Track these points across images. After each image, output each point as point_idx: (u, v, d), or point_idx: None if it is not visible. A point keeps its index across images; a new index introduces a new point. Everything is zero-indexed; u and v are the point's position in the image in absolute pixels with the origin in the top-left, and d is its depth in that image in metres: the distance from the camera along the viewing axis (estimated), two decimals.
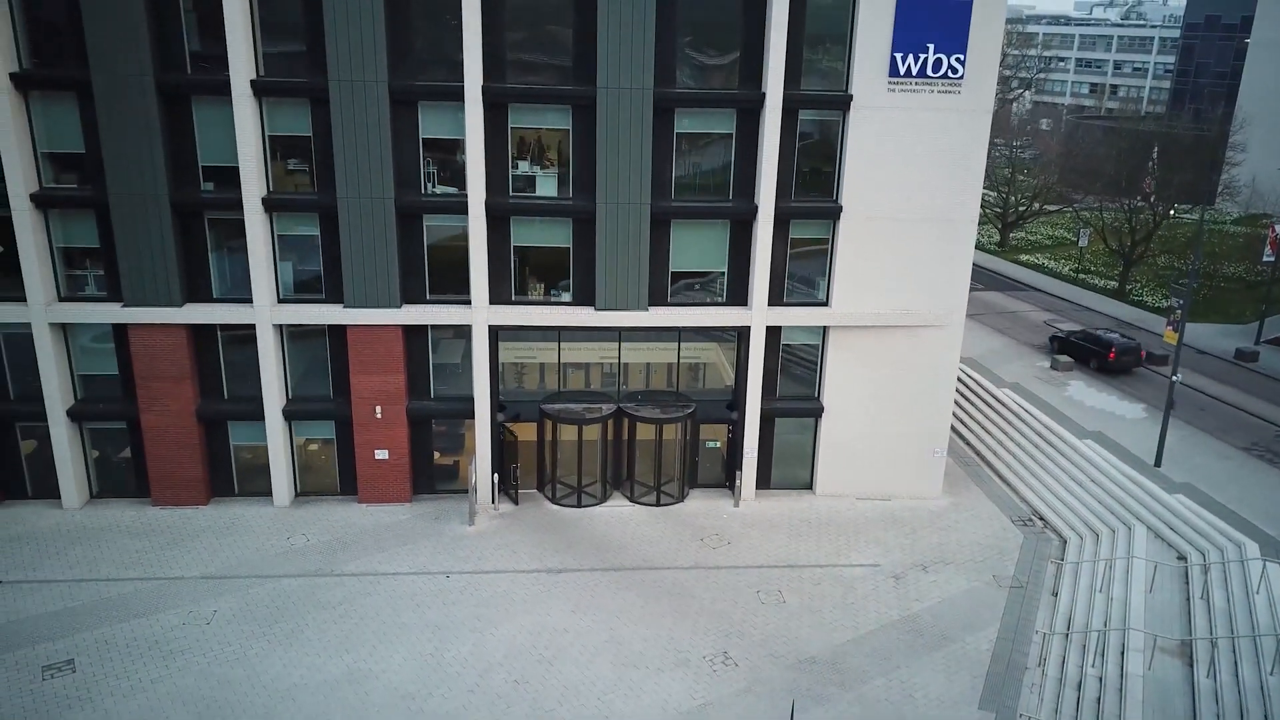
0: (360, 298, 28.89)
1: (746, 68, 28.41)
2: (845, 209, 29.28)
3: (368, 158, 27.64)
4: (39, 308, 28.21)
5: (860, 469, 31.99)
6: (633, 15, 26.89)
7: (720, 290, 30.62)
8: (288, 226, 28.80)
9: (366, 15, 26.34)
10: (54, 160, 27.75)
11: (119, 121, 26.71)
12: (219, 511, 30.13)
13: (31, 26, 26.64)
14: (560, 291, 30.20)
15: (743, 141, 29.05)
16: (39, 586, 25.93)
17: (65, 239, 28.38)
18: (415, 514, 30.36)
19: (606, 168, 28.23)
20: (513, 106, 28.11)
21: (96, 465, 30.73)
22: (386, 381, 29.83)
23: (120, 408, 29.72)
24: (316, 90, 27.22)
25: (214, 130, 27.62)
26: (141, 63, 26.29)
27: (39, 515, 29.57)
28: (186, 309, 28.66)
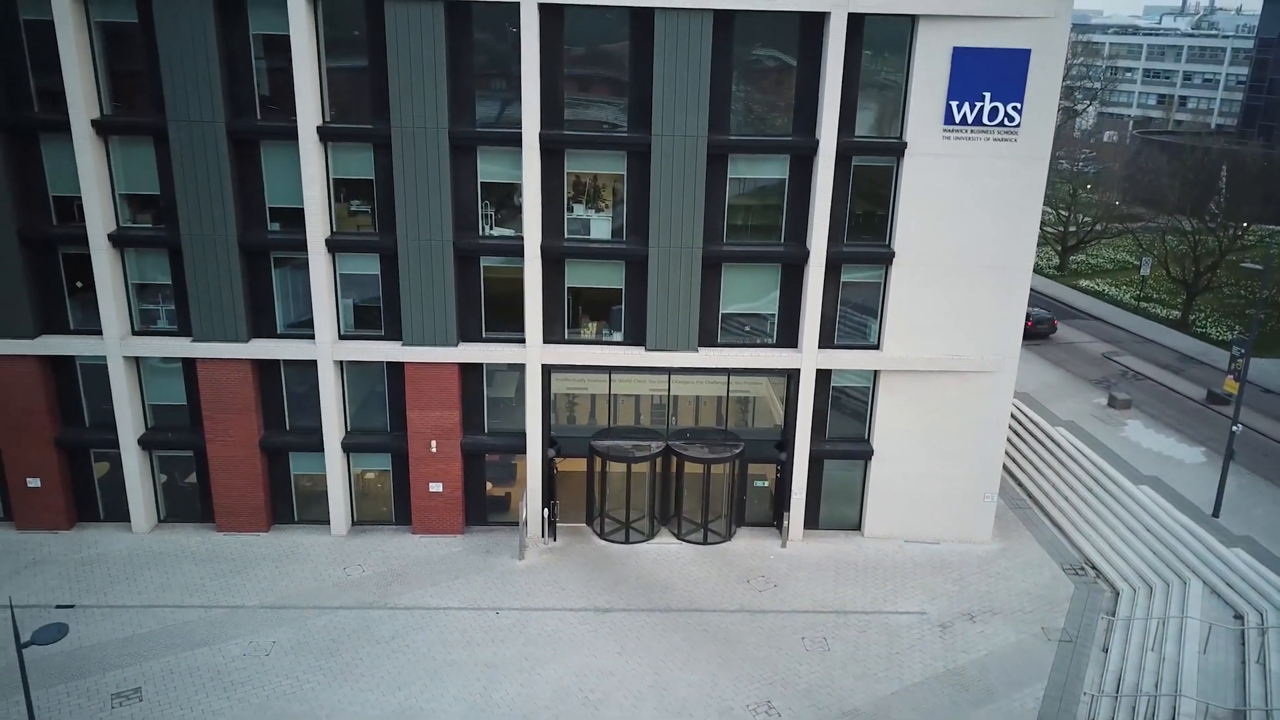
0: (418, 336, 29.66)
1: (800, 113, 28.58)
2: (898, 254, 29.28)
3: (428, 201, 28.37)
4: (114, 341, 29.45)
5: (909, 511, 31.93)
6: (688, 65, 27.24)
7: (770, 331, 30.81)
8: (349, 266, 29.68)
9: (429, 65, 27.07)
10: (131, 201, 28.96)
11: (192, 165, 27.80)
12: (279, 539, 31.12)
13: (113, 74, 27.87)
14: (612, 331, 30.66)
15: (795, 186, 29.24)
16: (110, 612, 27.09)
17: (139, 276, 29.60)
18: (467, 546, 31.05)
19: (659, 212, 28.62)
20: (569, 152, 28.62)
21: (164, 490, 31.95)
22: (442, 417, 30.56)
23: (188, 437, 30.89)
24: (379, 136, 28.02)
25: (280, 173, 28.59)
26: (214, 109, 27.33)
27: (110, 539, 30.84)
28: (252, 344, 29.68)
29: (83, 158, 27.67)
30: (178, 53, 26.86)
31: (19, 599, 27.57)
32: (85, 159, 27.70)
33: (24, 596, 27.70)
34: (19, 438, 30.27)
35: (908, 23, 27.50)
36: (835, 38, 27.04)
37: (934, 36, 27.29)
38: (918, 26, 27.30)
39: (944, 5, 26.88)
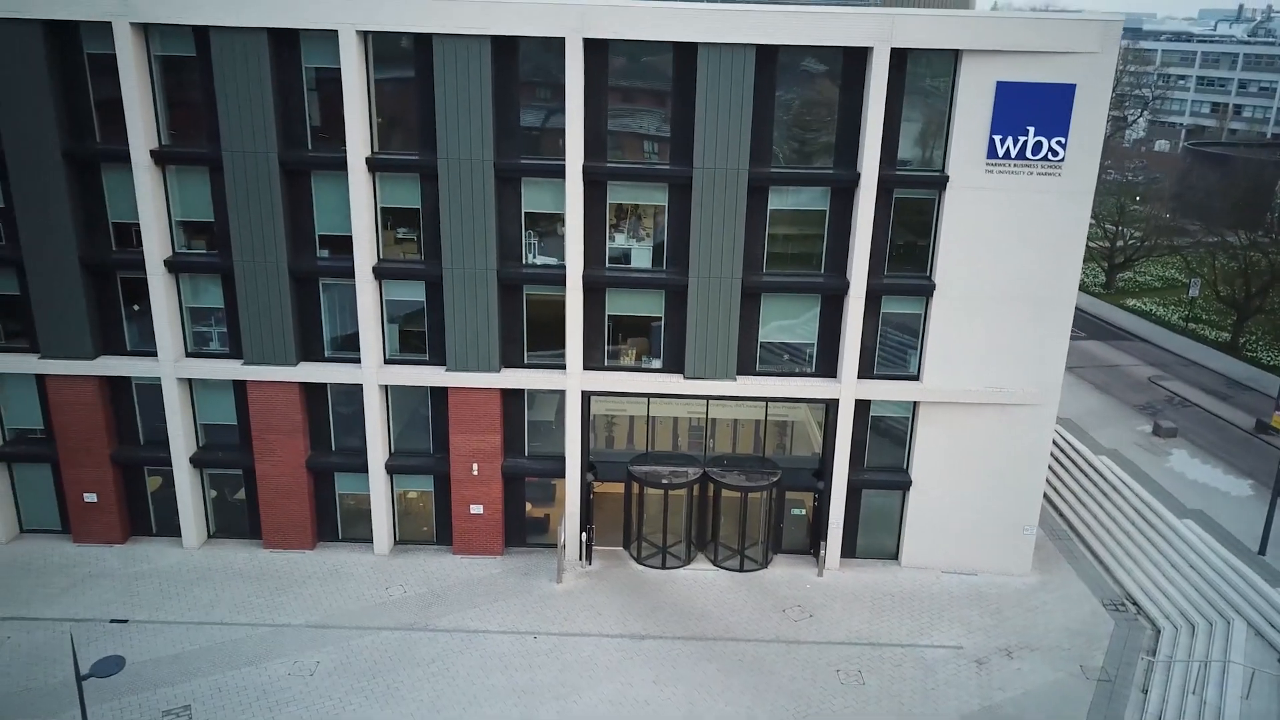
0: (462, 361, 30.20)
1: (842, 146, 28.68)
2: (939, 286, 29.25)
3: (472, 230, 28.89)
4: (168, 363, 30.35)
5: (947, 542, 31.85)
6: (730, 99, 27.48)
7: (809, 360, 30.92)
8: (395, 292, 30.30)
9: (475, 98, 27.59)
10: (186, 227, 29.84)
11: (245, 194, 28.58)
12: (324, 557, 31.85)
13: (171, 105, 28.74)
14: (651, 358, 30.97)
15: (836, 217, 29.33)
16: (162, 628, 27.95)
17: (193, 300, 30.47)
18: (506, 568, 31.54)
19: (700, 243, 28.87)
20: (611, 183, 28.98)
21: (214, 506, 32.84)
22: (484, 441, 31.08)
23: (237, 456, 31.72)
24: (426, 167, 28.60)
25: (330, 202, 29.29)
26: (267, 141, 28.08)
27: (162, 553, 31.78)
28: (300, 367, 30.42)
29: (141, 186, 28.58)
30: (233, 85, 27.65)
31: (75, 612, 28.55)
32: (144, 188, 28.60)
33: (80, 610, 28.66)
34: (77, 455, 31.30)
35: (951, 57, 27.50)
36: (878, 72, 27.11)
37: (977, 71, 27.25)
38: (961, 61, 27.28)
39: (988, 40, 26.83)
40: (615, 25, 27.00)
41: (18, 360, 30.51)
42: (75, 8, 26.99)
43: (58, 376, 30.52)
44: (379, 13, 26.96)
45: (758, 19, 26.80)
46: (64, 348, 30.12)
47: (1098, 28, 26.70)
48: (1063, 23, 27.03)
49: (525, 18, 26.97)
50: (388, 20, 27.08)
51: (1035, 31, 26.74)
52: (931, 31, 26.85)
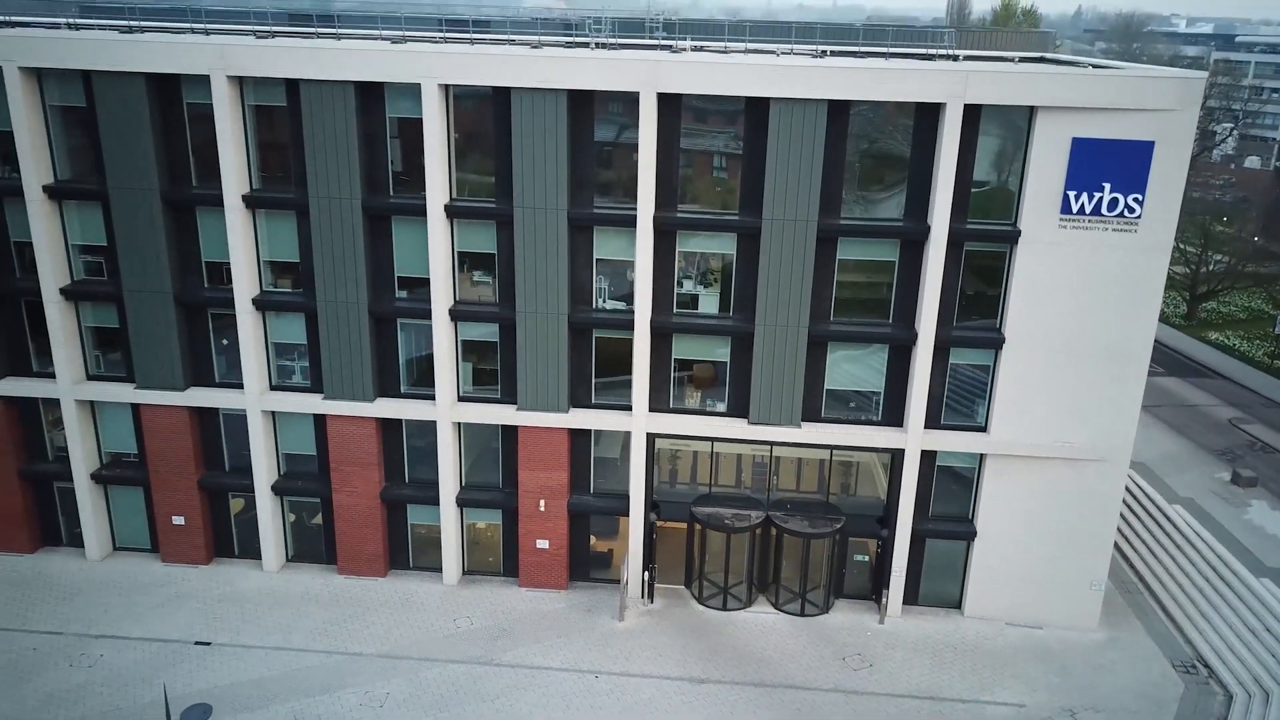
0: (532, 401, 30.98)
1: (913, 198, 28.71)
2: (1008, 339, 29.07)
3: (545, 275, 29.65)
4: (254, 396, 31.74)
5: (1012, 593, 31.57)
6: (801, 151, 27.75)
7: (875, 408, 30.98)
8: (470, 332, 31.23)
9: (551, 149, 28.33)
10: (273, 267, 31.18)
11: (329, 237, 29.78)
12: (395, 585, 32.94)
13: (262, 152, 30.09)
14: (716, 401, 31.36)
15: (905, 268, 29.36)
16: (242, 652, 29.25)
17: (278, 336, 31.80)
18: (570, 603, 32.22)
19: (767, 291, 29.18)
20: (681, 232, 29.46)
21: (293, 531, 34.19)
22: (551, 478, 31.83)
23: (316, 486, 33.00)
24: (502, 214, 29.45)
25: (409, 245, 30.34)
26: (351, 187, 29.24)
27: (243, 576, 33.22)
28: (377, 403, 31.54)
29: (233, 228, 29.99)
30: (321, 134, 28.85)
31: (162, 632, 30.05)
32: (235, 230, 30.01)
33: (167, 630, 30.16)
34: (168, 479, 32.93)
35: (1025, 113, 27.35)
36: (950, 127, 27.12)
37: (1052, 127, 27.06)
38: (1036, 117, 27.12)
39: (1064, 97, 26.64)
40: (688, 81, 27.51)
41: (115, 389, 32.23)
42: (178, 62, 28.48)
43: (151, 406, 32.16)
44: (461, 68, 27.91)
45: (830, 75, 27.04)
46: (158, 379, 31.72)
47: (1177, 85, 26.32)
48: (1141, 80, 26.70)
49: (601, 73, 27.64)
50: (468, 75, 28.01)
51: (1112, 89, 26.46)
52: (1005, 88, 26.77)
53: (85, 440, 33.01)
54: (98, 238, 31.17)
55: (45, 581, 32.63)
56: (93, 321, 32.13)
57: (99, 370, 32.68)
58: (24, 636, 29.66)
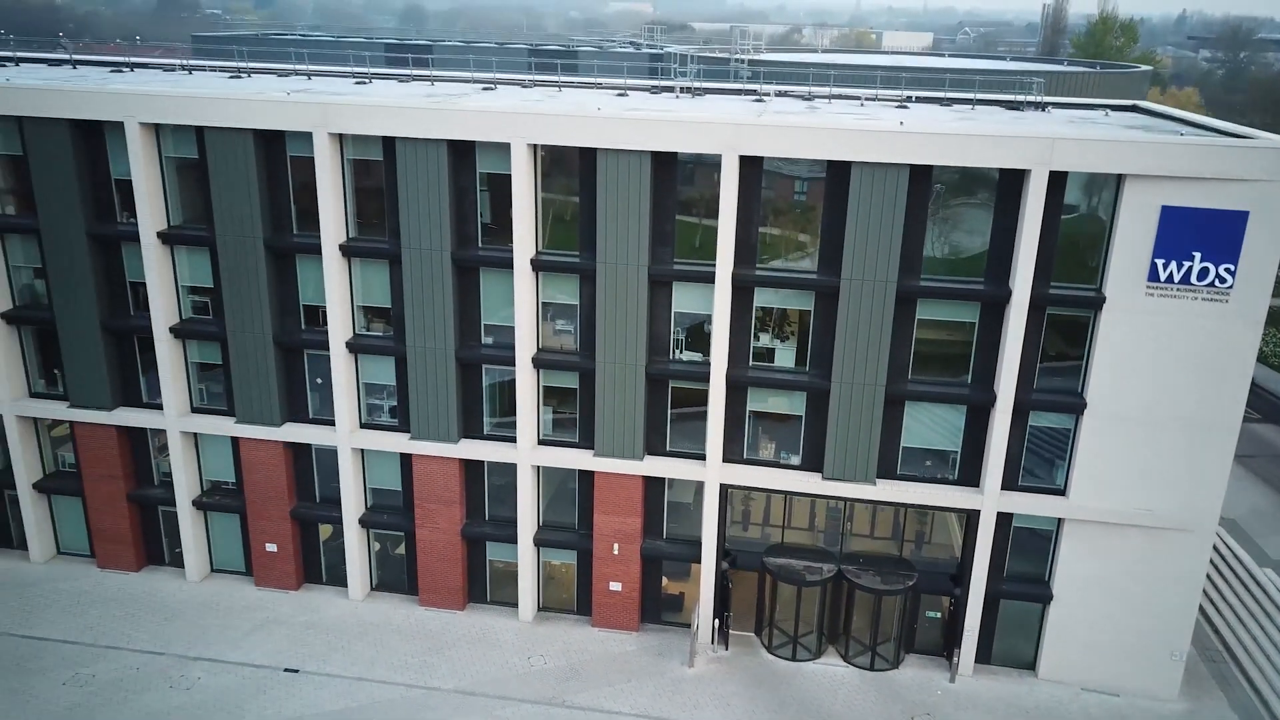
0: (608, 448, 31.74)
1: (994, 261, 28.59)
2: (1090, 404, 28.71)
3: (625, 327, 30.37)
4: (345, 433, 33.21)
5: (1089, 658, 31.11)
6: (882, 214, 27.91)
7: (952, 467, 30.88)
8: (552, 379, 32.14)
9: (634, 208, 29.06)
10: (366, 311, 32.59)
11: (420, 286, 31.01)
12: (473, 619, 34.04)
13: (359, 203, 31.50)
14: (789, 454, 31.65)
15: (986, 330, 29.24)
16: (327, 681, 30.66)
17: (369, 377, 33.21)
18: (641, 645, 32.86)
19: (844, 349, 29.39)
20: (759, 289, 29.87)
21: (377, 560, 35.60)
22: (625, 523, 32.55)
23: (400, 520, 34.33)
24: (586, 268, 30.28)
25: (496, 295, 31.40)
26: (442, 239, 30.42)
27: (330, 603, 34.73)
28: (461, 444, 32.69)
29: (330, 275, 31.46)
30: (414, 188, 30.10)
31: (254, 657, 31.66)
32: (332, 276, 31.48)
33: (258, 656, 31.75)
34: (263, 508, 34.64)
35: (1113, 180, 27.04)
36: (1035, 193, 26.97)
37: (1141, 194, 26.69)
38: (1124, 185, 26.79)
39: (1153, 165, 26.27)
40: (771, 145, 27.93)
41: (217, 422, 34.06)
42: (284, 119, 30.05)
43: (250, 439, 33.88)
44: (548, 129, 28.82)
45: (913, 141, 27.15)
46: (256, 414, 33.42)
47: (1272, 156, 25.71)
48: (1233, 149, 26.13)
49: (685, 136, 28.26)
50: (556, 136, 28.90)
51: (1203, 159, 25.98)
52: (1092, 157, 26.52)
53: (188, 468, 34.94)
54: (205, 280, 33.02)
55: (149, 600, 34.62)
56: (198, 358, 34.02)
57: (203, 403, 34.55)
58: (129, 655, 31.57)
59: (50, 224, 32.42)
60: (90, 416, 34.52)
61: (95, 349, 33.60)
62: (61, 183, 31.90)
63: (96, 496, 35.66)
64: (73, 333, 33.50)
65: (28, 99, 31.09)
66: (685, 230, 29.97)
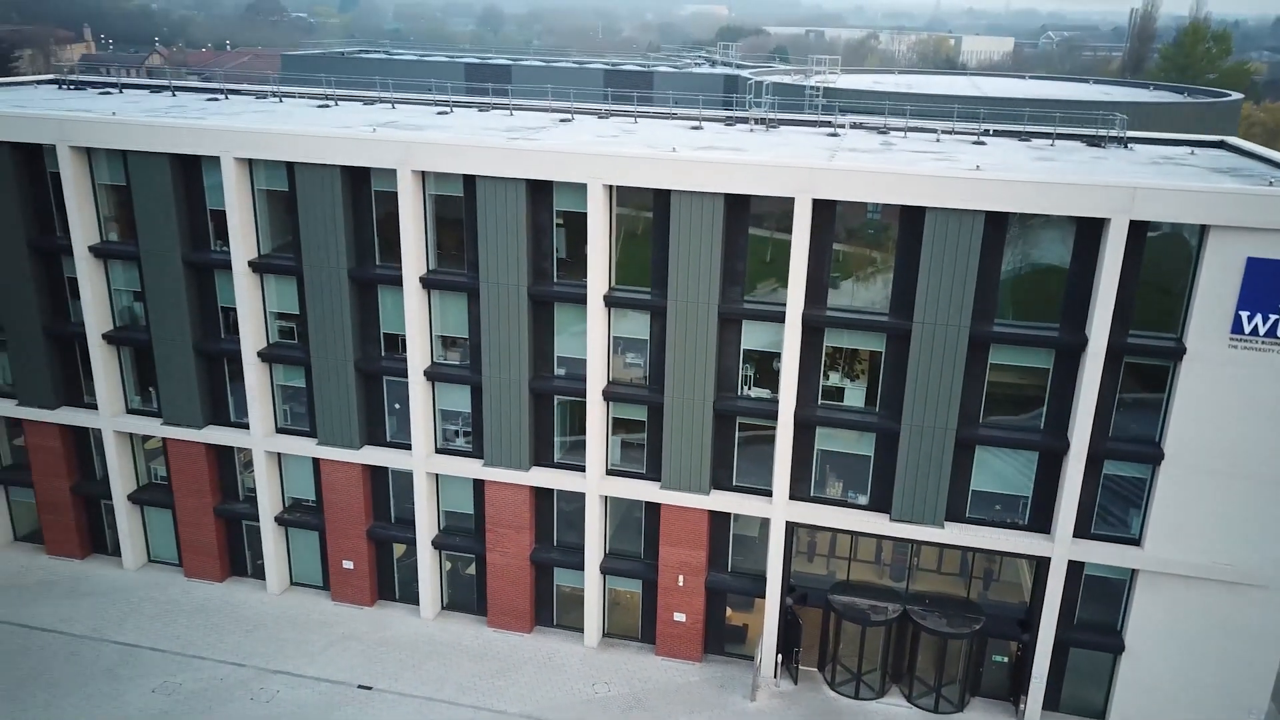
0: (675, 481, 32.16)
1: (1070, 308, 28.24)
2: (1168, 455, 28.18)
3: (694, 363, 30.77)
4: (420, 458, 34.24)
5: (1162, 711, 30.50)
6: (956, 259, 27.80)
7: (1022, 512, 30.57)
8: (621, 411, 32.69)
9: (706, 248, 29.43)
10: (444, 340, 33.57)
11: (496, 318, 31.84)
12: (539, 643, 34.79)
13: (439, 236, 32.47)
14: (857, 494, 31.68)
15: (1060, 376, 28.89)
16: (399, 700, 31.66)
17: (445, 404, 34.19)
18: (704, 676, 33.21)
19: (915, 392, 29.33)
20: (829, 329, 29.99)
21: (448, 579, 36.59)
22: (691, 555, 32.94)
23: (472, 543, 35.25)
24: (656, 305, 30.76)
25: (569, 329, 32.07)
26: (519, 274, 31.19)
27: (403, 621, 35.83)
28: (533, 472, 33.45)
29: (410, 306, 32.48)
30: (493, 224, 30.93)
31: (330, 673, 32.85)
32: (412, 307, 32.49)
33: (334, 671, 32.93)
34: (341, 527, 35.90)
35: (1196, 231, 26.53)
36: (1114, 242, 26.60)
37: (1226, 245, 26.13)
38: (1208, 235, 26.25)
39: (1238, 216, 25.70)
40: (844, 189, 28.05)
41: (299, 443, 35.41)
42: (369, 156, 31.15)
43: (330, 460, 35.15)
44: (624, 170, 29.37)
45: (990, 187, 27.01)
46: (336, 436, 34.66)
47: None
48: None
49: (759, 179, 28.53)
50: (631, 177, 29.44)
51: None
52: (1175, 206, 26.07)
53: (271, 486, 36.38)
54: (292, 307, 34.37)
55: (232, 611, 36.14)
56: (283, 381, 35.40)
57: (287, 424, 35.94)
58: (213, 665, 33.03)
59: (149, 250, 34.09)
60: (182, 434, 36.17)
61: (188, 370, 35.20)
62: (161, 212, 33.53)
63: (185, 509, 37.35)
64: (168, 354, 35.15)
65: (133, 134, 32.76)
66: (758, 252, 30.24)
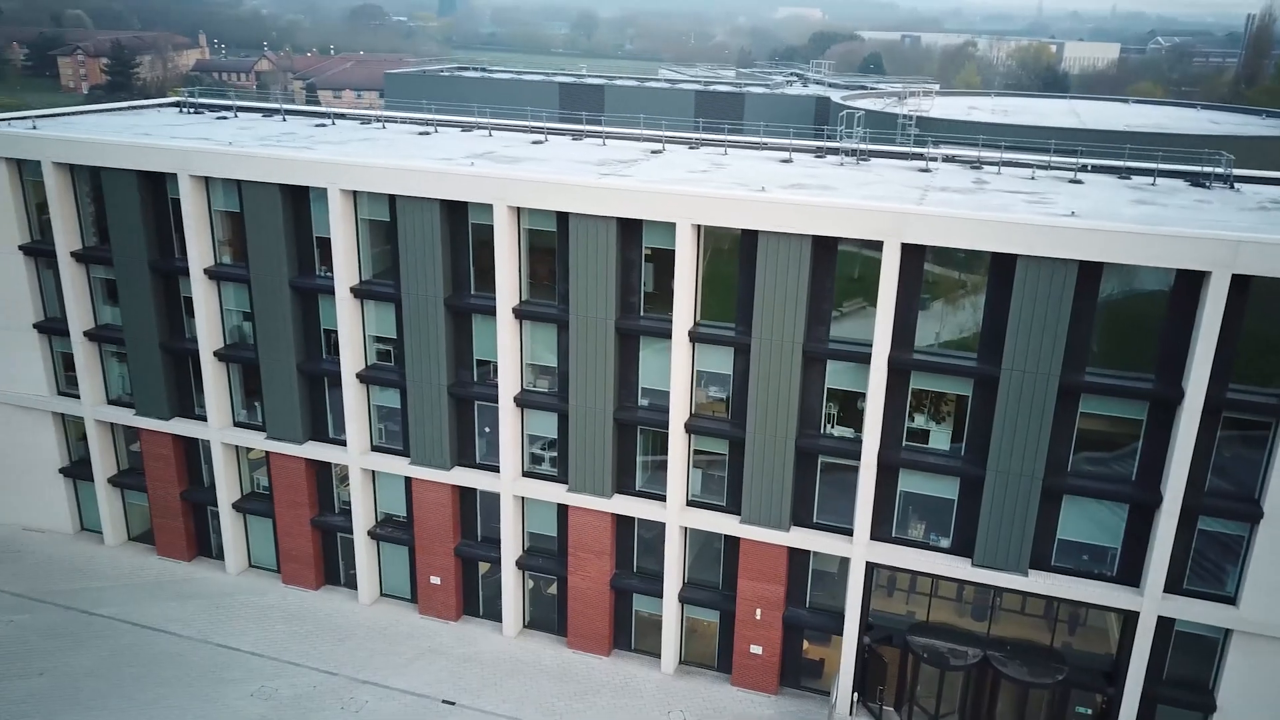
0: (756, 516, 32.47)
1: (1167, 357, 27.59)
2: (1268, 513, 27.32)
3: (777, 400, 31.02)
4: (509, 480, 35.30)
5: None
6: (1047, 308, 27.44)
7: (1110, 563, 29.97)
8: (703, 444, 33.15)
9: (793, 288, 29.67)
10: (533, 369, 34.53)
11: (585, 350, 32.62)
12: (617, 666, 35.46)
13: (532, 268, 33.43)
14: (939, 537, 31.48)
15: (1154, 427, 28.26)
16: (481, 717, 32.69)
17: (533, 430, 35.14)
18: (778, 709, 33.42)
19: (1002, 439, 29.02)
20: (915, 372, 29.89)
21: (530, 598, 37.57)
22: (769, 590, 33.19)
23: (554, 565, 36.15)
24: (740, 342, 31.13)
25: (654, 362, 32.66)
26: (607, 309, 31.91)
27: (485, 637, 36.94)
28: (615, 500, 34.16)
29: (503, 335, 33.53)
30: (584, 259, 31.73)
31: (416, 686, 34.09)
32: (504, 336, 33.53)
33: (420, 684, 34.17)
34: (429, 544, 37.21)
35: None
36: (1215, 296, 25.92)
37: None
38: None
39: None
40: (933, 234, 27.98)
41: (393, 462, 36.83)
42: (467, 192, 32.31)
43: (421, 479, 36.47)
44: (715, 212, 29.85)
45: (1085, 236, 26.61)
46: (428, 457, 35.95)
47: None
48: None
49: (847, 222, 28.67)
50: (719, 218, 29.88)
51: None
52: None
53: (365, 501, 37.92)
54: (389, 331, 35.78)
55: (325, 619, 37.77)
56: (379, 401, 36.87)
57: (381, 442, 37.41)
58: (307, 673, 34.61)
59: (259, 274, 35.92)
60: (284, 448, 37.96)
61: (291, 388, 36.94)
62: (271, 238, 35.31)
63: (285, 519, 39.18)
64: (273, 372, 36.96)
65: (248, 165, 34.59)
66: (846, 292, 30.38)
